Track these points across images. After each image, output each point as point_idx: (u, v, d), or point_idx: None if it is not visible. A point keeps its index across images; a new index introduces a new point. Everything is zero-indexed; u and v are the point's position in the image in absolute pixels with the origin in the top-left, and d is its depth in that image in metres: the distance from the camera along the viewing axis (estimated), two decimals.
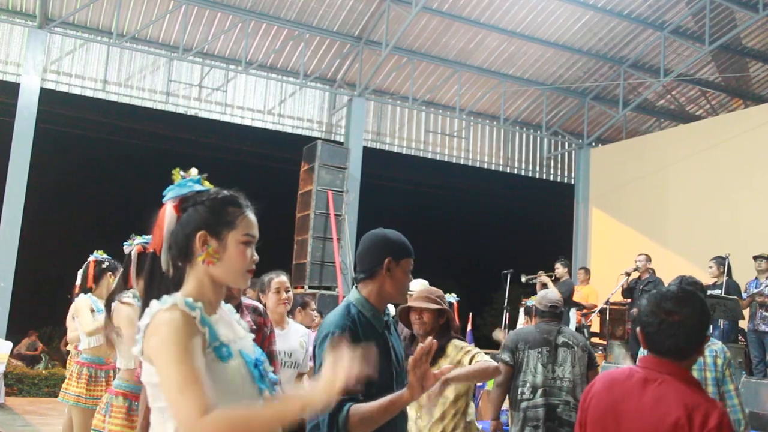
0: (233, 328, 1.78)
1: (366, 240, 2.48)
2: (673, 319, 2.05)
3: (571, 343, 4.43)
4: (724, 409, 2.00)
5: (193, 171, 1.79)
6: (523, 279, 10.18)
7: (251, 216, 1.76)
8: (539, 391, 4.27)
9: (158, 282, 1.72)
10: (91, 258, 5.01)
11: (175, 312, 1.59)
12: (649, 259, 9.30)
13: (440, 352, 3.59)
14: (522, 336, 4.47)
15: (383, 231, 2.48)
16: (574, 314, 9.43)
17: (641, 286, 9.04)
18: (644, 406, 2.04)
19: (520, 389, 4.34)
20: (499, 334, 8.90)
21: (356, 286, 2.47)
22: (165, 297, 1.65)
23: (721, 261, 8.43)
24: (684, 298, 2.10)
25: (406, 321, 3.75)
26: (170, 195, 1.74)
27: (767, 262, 8.38)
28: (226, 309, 1.83)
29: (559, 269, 10.07)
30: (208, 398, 1.49)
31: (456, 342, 3.62)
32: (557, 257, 10.27)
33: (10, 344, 9.57)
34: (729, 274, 8.38)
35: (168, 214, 1.73)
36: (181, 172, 1.77)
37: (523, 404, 4.30)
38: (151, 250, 1.74)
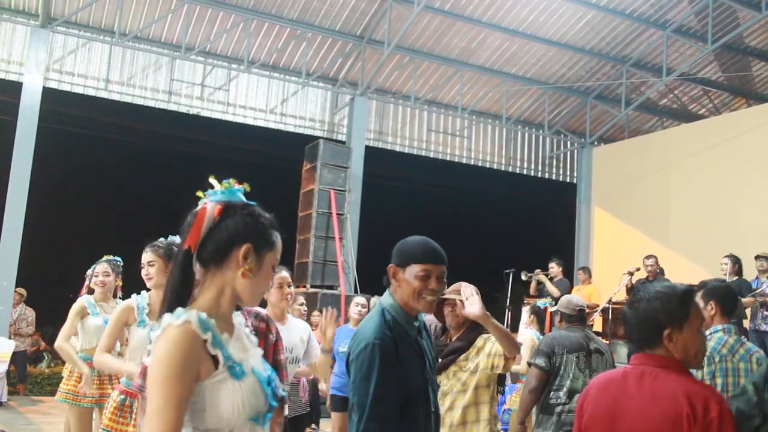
0: (243, 342, 1.78)
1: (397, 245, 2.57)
2: (632, 309, 2.18)
3: (602, 349, 4.43)
4: (722, 397, 2.03)
5: (245, 184, 1.82)
6: (524, 277, 10.20)
7: (280, 242, 1.82)
8: (576, 396, 4.21)
9: (190, 281, 1.71)
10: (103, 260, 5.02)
11: (184, 331, 1.59)
12: (657, 261, 9.30)
13: (469, 346, 3.71)
14: (558, 340, 4.38)
15: (406, 238, 2.53)
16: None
17: None
18: (644, 401, 2.06)
19: (554, 393, 4.26)
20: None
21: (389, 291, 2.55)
22: (179, 310, 1.64)
23: (735, 259, 8.41)
24: (644, 288, 2.20)
25: (439, 313, 3.81)
26: (216, 198, 1.74)
27: None
28: (237, 323, 1.82)
29: (554, 269, 10.06)
30: (177, 428, 1.53)
31: (485, 334, 3.72)
32: (555, 257, 10.27)
33: (13, 343, 9.59)
34: (740, 273, 8.38)
35: (209, 214, 1.72)
36: (225, 180, 1.78)
37: (558, 408, 4.22)
38: (186, 247, 1.72)
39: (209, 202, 1.73)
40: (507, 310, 10.16)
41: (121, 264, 5.06)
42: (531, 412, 4.55)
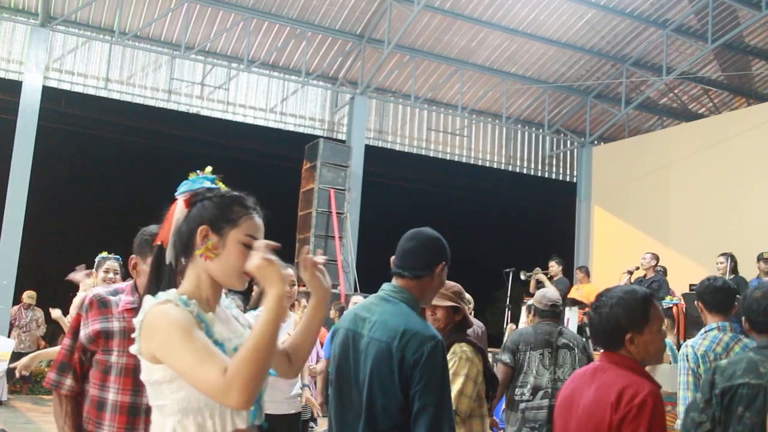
0: (230, 324, 1.78)
1: (424, 237, 2.37)
2: (596, 313, 2.31)
3: (571, 344, 4.41)
4: (654, 389, 2.13)
5: (208, 169, 1.80)
6: (523, 276, 10.17)
7: (257, 219, 1.75)
8: (540, 393, 4.25)
9: (164, 275, 1.73)
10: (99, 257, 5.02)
11: (169, 305, 1.60)
12: (655, 257, 9.25)
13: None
14: (523, 337, 4.45)
15: (437, 233, 2.39)
16: (576, 313, 9.41)
17: (646, 285, 9.00)
18: (589, 393, 2.21)
19: (519, 390, 4.31)
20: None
21: (399, 284, 2.34)
22: (160, 293, 1.65)
23: (731, 257, 8.36)
24: (606, 293, 2.33)
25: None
26: (182, 190, 1.76)
27: None
28: (224, 305, 1.83)
29: (554, 267, 10.02)
30: (225, 361, 1.51)
31: (463, 346, 3.34)
32: (555, 256, 10.26)
33: (13, 342, 9.59)
34: (735, 271, 8.36)
35: (178, 208, 1.74)
36: (198, 172, 1.78)
37: (522, 405, 4.27)
38: (158, 243, 1.75)
39: (178, 197, 1.76)
40: (507, 309, 10.15)
41: (121, 262, 5.06)
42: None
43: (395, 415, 2.14)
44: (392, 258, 2.42)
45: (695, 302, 3.66)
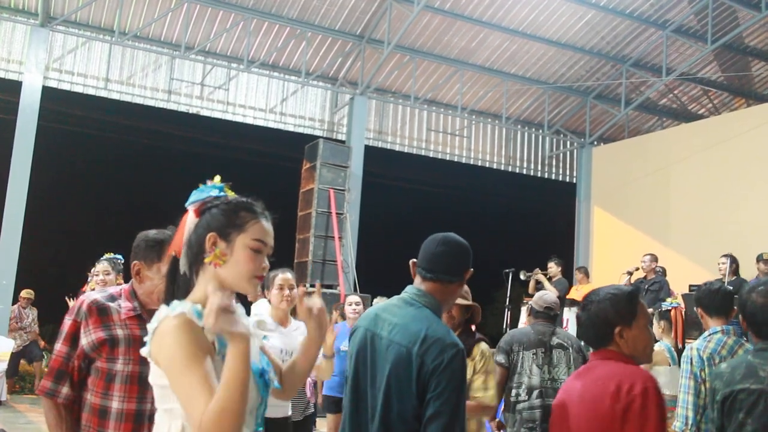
0: None
1: (455, 243, 2.35)
2: (584, 311, 2.36)
3: (566, 344, 4.43)
4: (649, 375, 2.19)
5: (216, 178, 1.82)
6: (523, 276, 10.20)
7: (265, 223, 1.77)
8: (535, 393, 4.27)
9: (179, 284, 1.75)
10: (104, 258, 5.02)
11: (182, 320, 1.61)
12: (655, 259, 9.26)
13: (467, 353, 3.58)
14: (517, 337, 4.48)
15: (463, 239, 2.38)
16: (575, 314, 9.42)
17: (646, 286, 9.00)
18: (584, 388, 2.26)
19: (515, 391, 4.33)
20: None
21: (425, 288, 2.30)
22: (175, 303, 1.67)
23: (733, 259, 8.36)
24: (594, 293, 2.36)
25: None
26: (192, 200, 1.78)
27: None
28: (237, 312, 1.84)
29: (553, 268, 10.05)
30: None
31: (483, 348, 3.62)
32: (554, 256, 10.27)
33: (13, 342, 9.58)
34: (737, 272, 8.36)
35: (189, 218, 1.77)
36: (207, 181, 1.81)
37: (519, 406, 4.28)
38: (172, 253, 1.79)
39: (189, 207, 1.78)
40: (506, 310, 10.15)
41: (122, 262, 5.04)
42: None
43: (410, 421, 2.12)
44: (412, 261, 2.39)
45: (695, 308, 3.69)
